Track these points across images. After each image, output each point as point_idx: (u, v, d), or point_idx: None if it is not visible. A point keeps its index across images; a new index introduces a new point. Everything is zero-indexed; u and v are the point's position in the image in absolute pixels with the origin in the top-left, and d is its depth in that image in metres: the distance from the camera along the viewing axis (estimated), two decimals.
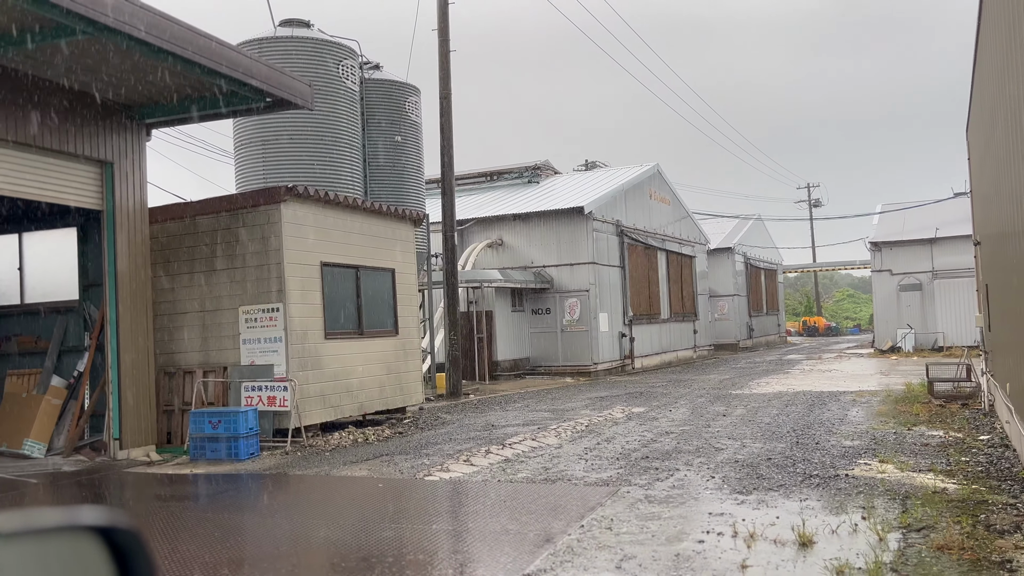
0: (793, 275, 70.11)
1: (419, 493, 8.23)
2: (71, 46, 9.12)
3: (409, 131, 18.01)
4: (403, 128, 17.85)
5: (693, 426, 11.98)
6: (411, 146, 18.11)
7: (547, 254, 24.77)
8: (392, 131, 17.71)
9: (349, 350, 12.99)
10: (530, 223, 25.12)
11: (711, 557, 5.35)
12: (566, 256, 24.48)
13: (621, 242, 26.35)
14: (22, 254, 13.60)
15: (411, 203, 17.55)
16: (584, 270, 24.23)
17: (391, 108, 17.73)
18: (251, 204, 12.01)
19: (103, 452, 11.19)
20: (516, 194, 28.29)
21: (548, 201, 26.04)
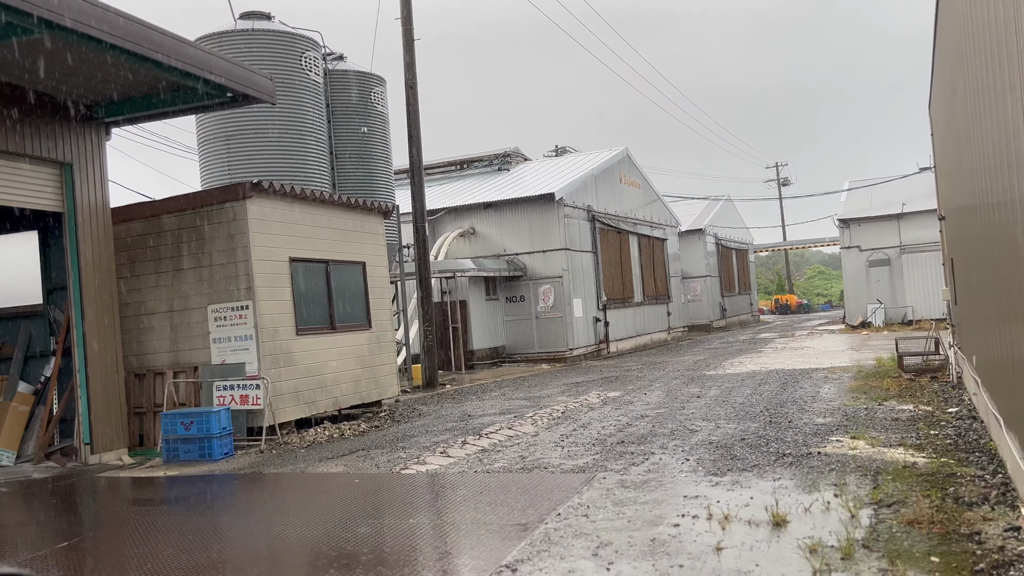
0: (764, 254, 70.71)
1: (396, 487, 8.20)
2: (27, 44, 8.90)
3: (375, 122, 17.86)
4: (369, 119, 17.69)
5: (668, 409, 12.05)
6: (378, 137, 17.96)
7: (519, 241, 24.75)
8: (358, 122, 17.55)
9: (322, 345, 12.90)
10: (501, 211, 25.07)
11: (686, 540, 5.38)
12: (538, 243, 24.48)
13: (593, 227, 26.39)
14: None
15: (380, 195, 17.42)
16: (557, 256, 24.25)
17: (357, 99, 17.56)
18: (216, 201, 11.85)
19: (74, 457, 11.03)
20: (487, 182, 28.21)
21: (519, 188, 26.00)
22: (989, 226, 6.48)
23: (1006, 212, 5.29)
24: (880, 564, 4.64)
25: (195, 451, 10.50)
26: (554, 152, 33.00)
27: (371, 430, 12.22)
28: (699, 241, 38.85)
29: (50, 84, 10.34)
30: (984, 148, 6.31)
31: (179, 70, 9.78)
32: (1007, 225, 5.29)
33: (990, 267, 6.84)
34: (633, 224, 30.06)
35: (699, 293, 38.74)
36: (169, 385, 11.73)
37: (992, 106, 5.51)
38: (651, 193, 32.77)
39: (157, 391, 11.94)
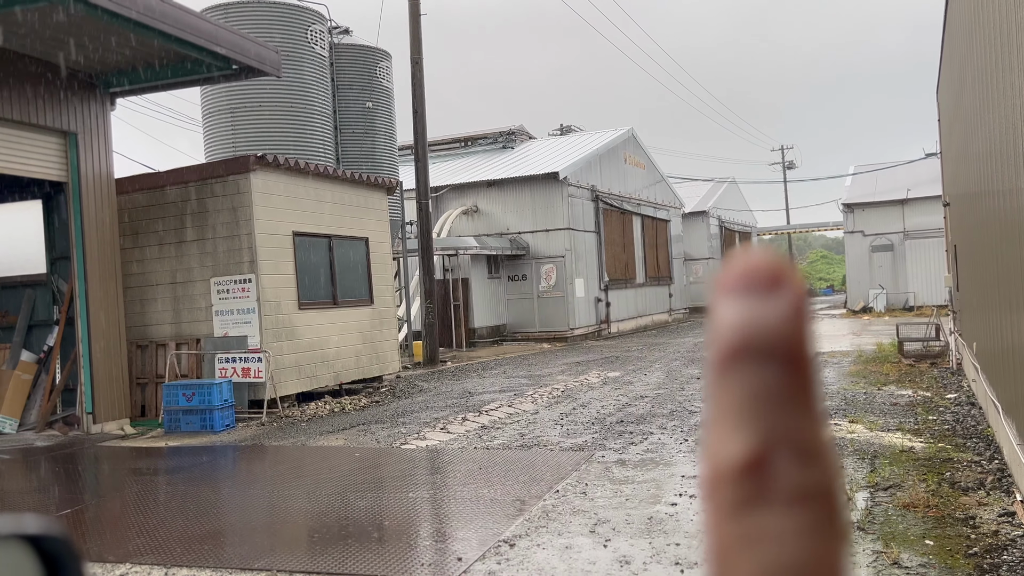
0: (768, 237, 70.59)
1: (396, 462, 8.26)
2: (32, 13, 8.86)
3: (380, 97, 17.78)
4: (374, 94, 17.62)
5: (668, 390, 12.10)
6: (383, 112, 17.89)
7: (522, 220, 24.71)
8: (363, 97, 17.48)
9: (324, 320, 12.93)
10: (505, 189, 25.01)
11: (683, 519, 5.43)
12: (541, 222, 24.44)
13: (596, 207, 26.33)
14: None
15: (384, 170, 17.39)
16: (560, 236, 24.22)
17: (362, 74, 17.48)
18: (220, 174, 11.83)
19: (76, 426, 11.11)
20: (491, 160, 28.12)
21: (523, 167, 25.92)
22: (994, 213, 6.47)
23: (1012, 199, 5.29)
24: (875, 546, 4.68)
25: (196, 422, 10.57)
26: (559, 131, 32.86)
27: (372, 405, 12.29)
28: (702, 223, 38.77)
29: (55, 53, 10.30)
30: (992, 135, 6.29)
31: (184, 41, 9.73)
32: (1012, 212, 5.28)
33: (993, 254, 6.84)
34: (637, 205, 29.99)
35: (701, 275, 38.74)
36: (171, 356, 11.78)
37: (1001, 92, 5.49)
38: (655, 174, 32.67)
39: (159, 362, 11.99)
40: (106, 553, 5.39)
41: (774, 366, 0.32)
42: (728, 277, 0.34)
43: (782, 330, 0.32)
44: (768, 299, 0.33)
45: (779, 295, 0.33)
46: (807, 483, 0.32)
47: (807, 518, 0.31)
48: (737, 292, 0.33)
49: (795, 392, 0.32)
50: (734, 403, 0.32)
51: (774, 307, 0.33)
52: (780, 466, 0.32)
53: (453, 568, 4.75)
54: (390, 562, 4.98)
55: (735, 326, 0.33)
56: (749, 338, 0.32)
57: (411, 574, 4.75)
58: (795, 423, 0.32)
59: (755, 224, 49.99)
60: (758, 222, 51.46)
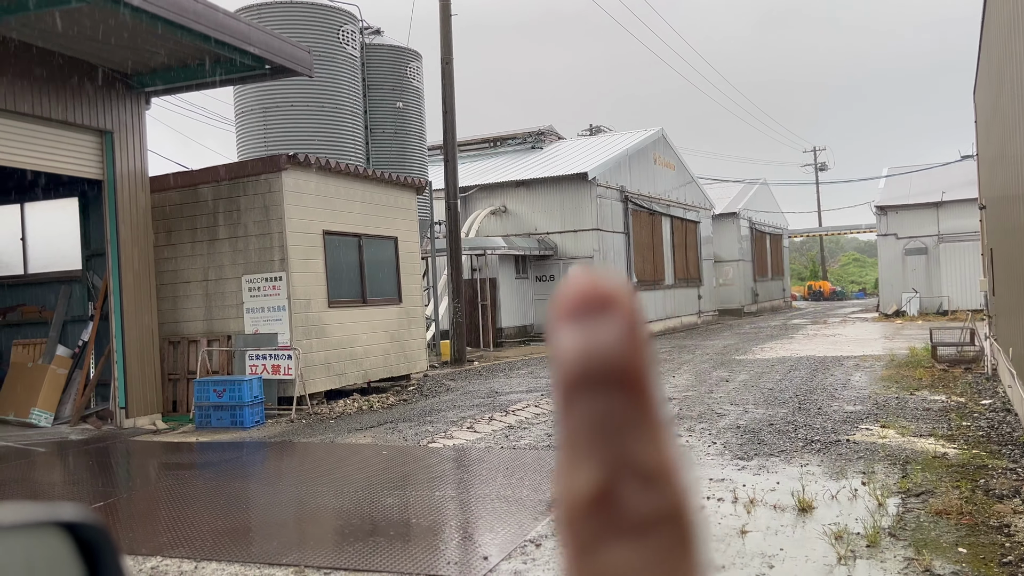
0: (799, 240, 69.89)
1: (423, 460, 8.30)
2: (71, 14, 9.02)
3: (411, 97, 17.86)
4: (405, 94, 17.70)
5: (696, 392, 12.02)
6: (413, 112, 17.97)
7: (551, 221, 24.69)
8: (394, 97, 17.57)
9: (353, 318, 13.02)
10: (533, 189, 25.00)
11: (711, 522, 5.39)
12: (570, 223, 24.40)
13: (625, 208, 26.24)
14: (24, 224, 13.60)
15: (413, 170, 17.46)
16: (588, 236, 24.16)
17: (393, 74, 17.57)
18: (252, 172, 11.96)
19: (109, 421, 11.28)
20: (519, 160, 28.13)
21: (552, 167, 25.89)
22: None
23: None
24: (906, 552, 4.62)
25: (227, 418, 10.69)
26: (588, 131, 32.78)
27: (399, 403, 12.34)
28: (733, 224, 38.46)
29: (92, 53, 10.48)
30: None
31: (218, 41, 9.85)
32: None
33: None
34: (666, 206, 29.83)
35: (731, 277, 38.43)
36: (203, 353, 11.93)
37: None
38: (685, 175, 32.48)
39: (191, 358, 12.14)
40: (138, 546, 5.47)
41: (612, 392, 0.32)
42: (561, 304, 0.33)
43: (616, 355, 0.32)
44: (600, 324, 0.32)
45: (611, 319, 0.32)
46: (654, 508, 0.31)
47: (660, 543, 0.31)
48: (570, 319, 0.33)
49: (635, 416, 0.32)
50: (577, 434, 0.32)
51: (606, 332, 0.32)
52: (625, 495, 0.31)
53: (479, 567, 4.75)
54: (417, 560, 5.00)
55: (571, 355, 0.32)
56: (584, 366, 0.32)
57: (437, 572, 4.76)
58: (637, 448, 0.32)
59: (786, 226, 49.50)
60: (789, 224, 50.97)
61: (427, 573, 4.73)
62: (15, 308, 13.48)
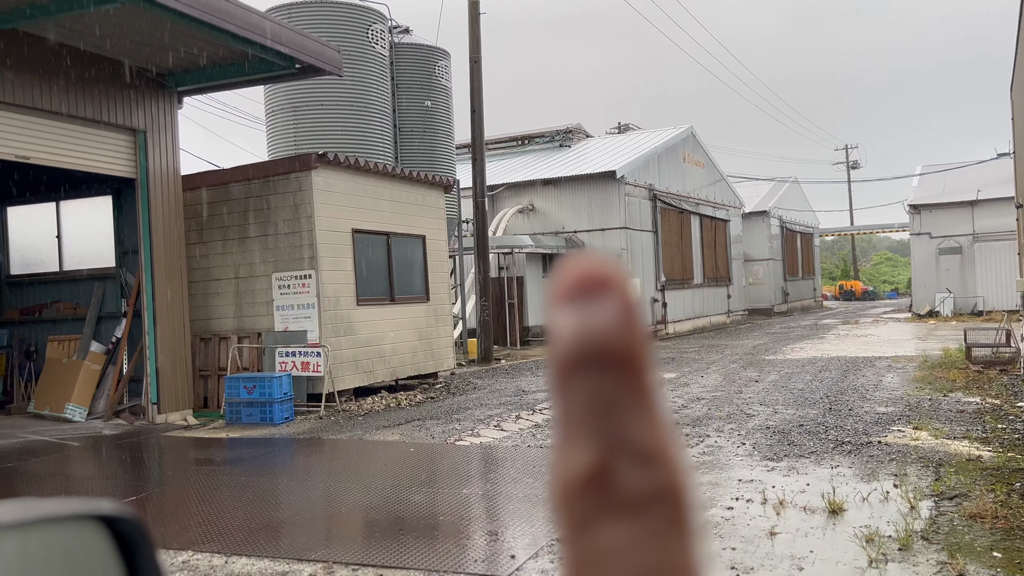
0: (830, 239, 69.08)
1: (450, 458, 8.32)
2: (105, 14, 9.16)
3: (439, 96, 17.91)
4: (433, 93, 17.75)
5: (725, 392, 11.93)
6: (441, 111, 18.01)
7: (578, 219, 24.63)
8: (422, 96, 17.62)
9: (381, 316, 13.09)
10: (561, 188, 24.96)
11: (740, 524, 5.34)
12: (598, 221, 24.33)
13: (654, 206, 26.10)
14: (60, 222, 13.83)
15: (441, 169, 17.51)
16: (616, 235, 24.07)
17: (421, 73, 17.62)
18: (282, 171, 12.07)
19: (142, 416, 11.45)
20: (547, 159, 28.10)
21: (580, 165, 25.83)
22: None
23: None
24: (939, 556, 4.54)
25: (257, 414, 10.80)
26: (616, 129, 32.65)
27: (427, 401, 12.39)
28: (763, 223, 38.11)
29: (126, 53, 10.62)
30: None
31: (249, 41, 9.94)
32: None
33: None
34: (695, 204, 29.63)
35: (761, 276, 38.08)
36: (233, 350, 12.05)
37: None
38: (715, 173, 32.23)
39: (222, 355, 12.28)
40: (169, 539, 5.54)
41: (608, 372, 0.32)
42: (558, 287, 0.33)
43: (612, 335, 0.32)
44: (596, 305, 0.33)
45: (606, 301, 0.33)
46: (651, 486, 0.31)
47: (655, 522, 0.31)
48: (567, 301, 0.33)
49: (631, 396, 0.32)
50: (573, 415, 0.32)
51: (602, 313, 0.32)
52: (622, 473, 0.31)
53: (506, 565, 4.75)
54: (444, 557, 5.02)
55: (567, 337, 0.32)
56: (581, 347, 0.32)
57: (465, 570, 4.77)
58: (634, 427, 0.32)
59: (817, 225, 48.96)
60: (820, 223, 50.40)
61: (454, 570, 4.74)
62: (50, 304, 13.73)
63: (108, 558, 0.60)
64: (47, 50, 9.89)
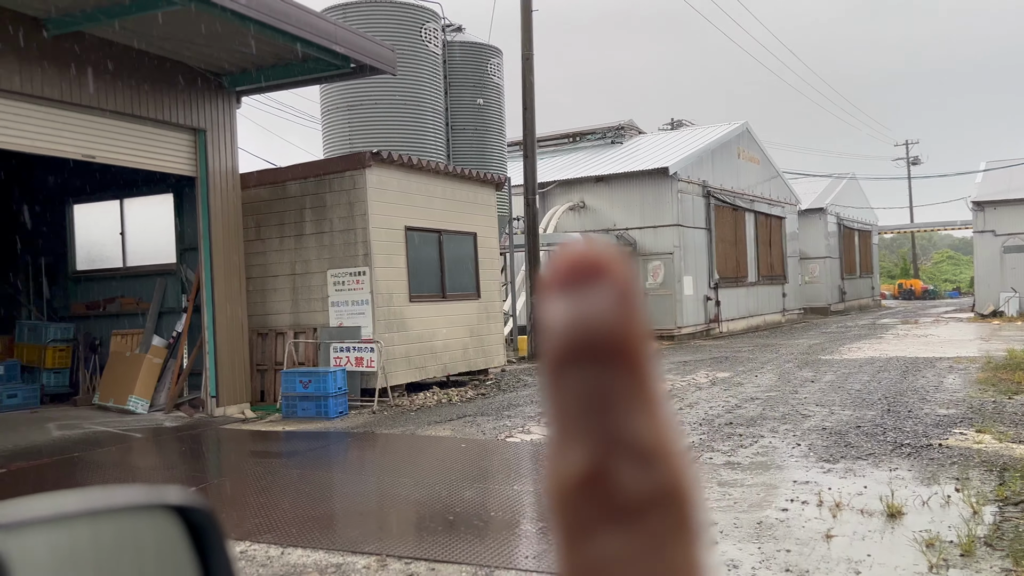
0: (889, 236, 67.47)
1: (501, 454, 8.35)
2: (167, 16, 9.40)
3: (491, 93, 17.96)
4: (485, 91, 17.81)
5: (780, 392, 11.74)
6: (493, 109, 18.06)
7: (630, 216, 24.46)
8: (474, 94, 17.69)
9: (433, 313, 13.19)
10: (612, 185, 24.82)
11: (795, 525, 5.26)
12: (649, 218, 24.13)
13: (707, 203, 25.79)
14: (123, 220, 14.25)
15: (493, 166, 17.56)
16: (668, 232, 23.85)
17: (473, 70, 17.69)
18: (337, 170, 12.24)
19: (201, 409, 11.73)
20: (598, 155, 27.96)
21: (631, 162, 25.65)
22: None
23: None
24: (1003, 563, 4.42)
25: (312, 408, 10.98)
26: (669, 125, 32.34)
27: (478, 397, 12.45)
28: (819, 220, 37.37)
29: (187, 54, 10.89)
30: None
31: (307, 41, 10.11)
32: None
33: None
34: (750, 201, 29.19)
35: (817, 275, 37.35)
36: (290, 345, 12.28)
37: None
38: (771, 169, 31.71)
39: (278, 350, 12.52)
40: (228, 530, 5.67)
41: (604, 365, 0.30)
42: (551, 274, 0.31)
43: (609, 326, 0.30)
44: (593, 294, 0.30)
45: (604, 289, 0.30)
46: (652, 488, 0.29)
47: (656, 527, 0.29)
48: (561, 290, 0.31)
49: (629, 391, 0.30)
50: (568, 411, 0.30)
51: (599, 302, 0.30)
52: (620, 475, 0.29)
53: None
54: (496, 553, 5.05)
55: (561, 327, 0.30)
56: (575, 338, 0.30)
57: (517, 566, 4.79)
58: (632, 424, 0.30)
59: (876, 222, 47.83)
60: (879, 220, 49.23)
61: (506, 566, 4.77)
62: (114, 299, 14.15)
63: (179, 547, 0.61)
64: (111, 52, 10.19)
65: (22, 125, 9.35)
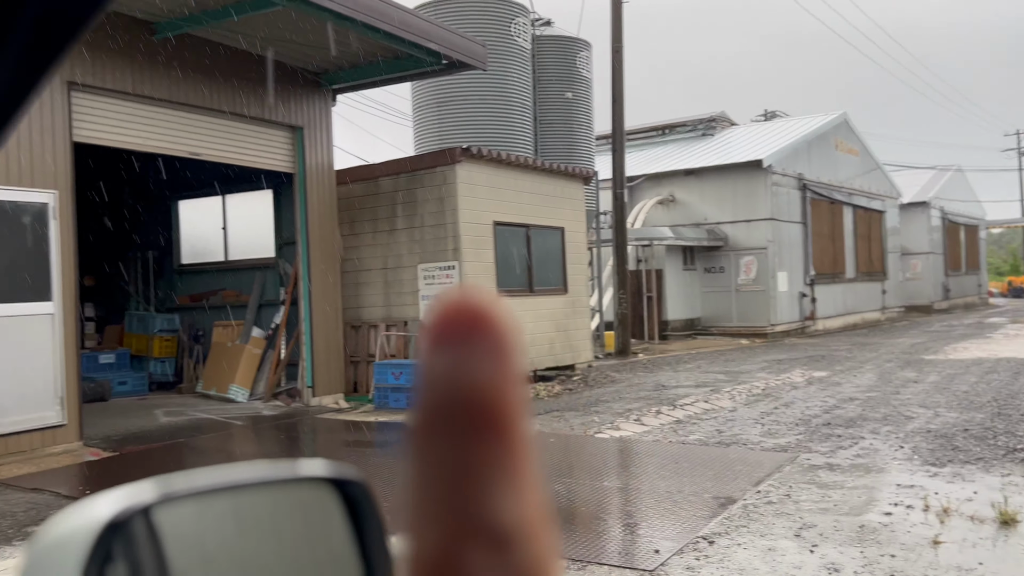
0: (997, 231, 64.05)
1: (589, 449, 8.32)
2: (268, 17, 9.70)
3: (579, 87, 17.88)
4: (573, 84, 17.75)
5: (880, 393, 11.31)
6: (581, 102, 17.98)
7: (721, 210, 23.97)
8: (563, 87, 17.65)
9: (520, 307, 13.24)
10: (703, 178, 24.36)
11: (899, 530, 5.06)
12: (742, 212, 23.58)
13: (803, 196, 25.04)
14: (225, 215, 14.81)
15: (581, 160, 17.49)
16: (762, 227, 23.27)
17: (562, 64, 17.65)
18: (428, 165, 12.41)
19: (297, 398, 12.10)
20: (689, 148, 27.49)
21: (723, 155, 25.12)
22: None
23: None
24: None
25: (403, 400, 11.18)
26: (763, 117, 31.53)
27: (564, 392, 12.44)
28: (922, 214, 35.81)
29: (286, 54, 11.22)
30: None
31: (401, 39, 10.27)
32: None
33: None
34: (848, 194, 28.20)
35: (919, 271, 35.81)
36: (382, 337, 12.53)
37: None
38: (870, 161, 30.54)
39: (370, 342, 12.79)
40: None
41: (469, 436, 0.27)
42: (429, 327, 0.28)
43: (478, 391, 0.27)
44: (463, 354, 0.27)
45: (477, 347, 0.27)
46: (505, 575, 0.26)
47: None
48: (431, 347, 0.28)
49: (495, 464, 0.27)
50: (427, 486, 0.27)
51: (469, 363, 0.27)
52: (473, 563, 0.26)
53: (650, 560, 4.71)
54: (584, 547, 5.02)
55: (425, 390, 0.27)
56: (439, 404, 0.27)
57: (606, 561, 4.76)
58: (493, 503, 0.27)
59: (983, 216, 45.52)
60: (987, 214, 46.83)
61: (596, 561, 4.74)
62: (216, 292, 14.73)
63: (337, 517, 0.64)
64: (214, 52, 10.58)
65: (133, 125, 9.81)
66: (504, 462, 0.27)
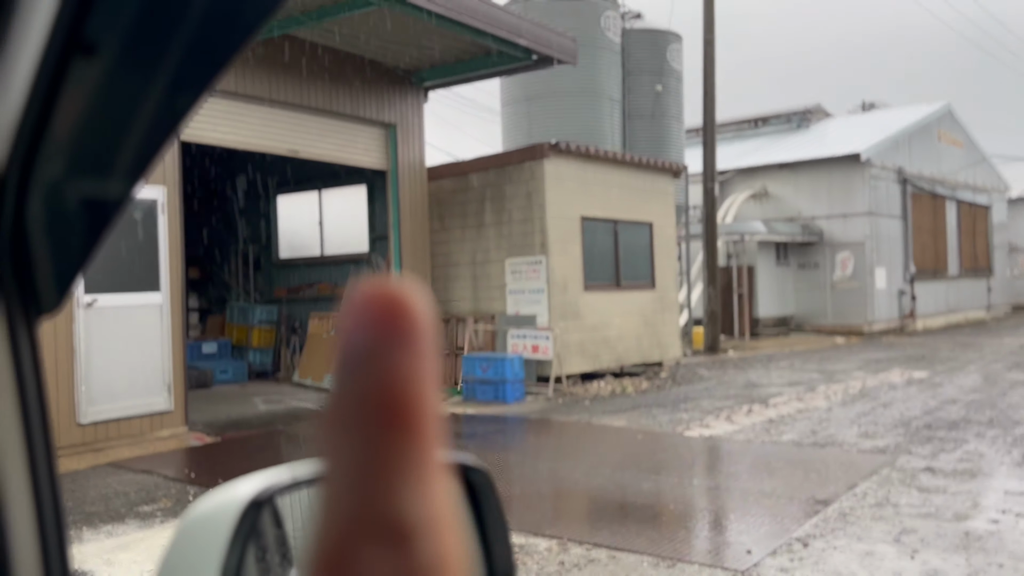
0: None
1: (678, 447, 8.24)
2: (364, 17, 9.93)
3: (670, 80, 17.66)
4: (664, 77, 17.53)
5: (985, 395, 10.81)
6: (671, 95, 17.75)
7: (816, 204, 23.28)
8: (652, 81, 17.46)
9: (607, 302, 13.19)
10: (797, 172, 23.69)
11: (1008, 539, 4.85)
12: (838, 207, 22.85)
13: (903, 190, 24.08)
14: (321, 210, 15.25)
15: (670, 154, 17.27)
16: (859, 222, 22.49)
17: (652, 57, 17.46)
18: (516, 161, 12.49)
19: None
20: (782, 141, 26.78)
21: (818, 147, 24.38)
22: None
23: None
24: None
25: (490, 393, 11.31)
26: (860, 108, 30.42)
27: (652, 389, 12.33)
28: None
29: (379, 52, 11.47)
30: None
31: (492, 35, 10.36)
32: None
33: None
34: (951, 188, 26.97)
35: None
36: (470, 331, 12.69)
37: None
38: (976, 153, 29.12)
39: (459, 335, 12.97)
40: None
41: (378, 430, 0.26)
42: (345, 317, 0.27)
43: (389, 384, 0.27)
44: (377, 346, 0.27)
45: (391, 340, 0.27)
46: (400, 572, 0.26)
47: None
48: (346, 340, 0.27)
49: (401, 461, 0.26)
50: (331, 480, 0.27)
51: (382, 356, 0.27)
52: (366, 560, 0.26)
53: (742, 560, 4.65)
54: (675, 545, 5.00)
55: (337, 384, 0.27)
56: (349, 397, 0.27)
57: (698, 560, 4.73)
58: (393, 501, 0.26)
59: None
60: None
61: (687, 559, 4.71)
62: (312, 285, 15.19)
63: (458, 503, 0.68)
64: (311, 52, 10.90)
65: (236, 123, 10.21)
66: (411, 458, 0.27)
